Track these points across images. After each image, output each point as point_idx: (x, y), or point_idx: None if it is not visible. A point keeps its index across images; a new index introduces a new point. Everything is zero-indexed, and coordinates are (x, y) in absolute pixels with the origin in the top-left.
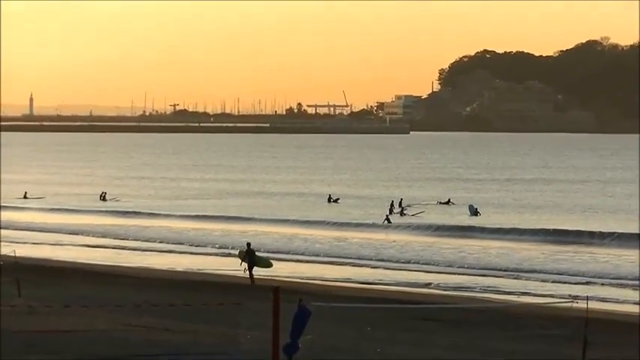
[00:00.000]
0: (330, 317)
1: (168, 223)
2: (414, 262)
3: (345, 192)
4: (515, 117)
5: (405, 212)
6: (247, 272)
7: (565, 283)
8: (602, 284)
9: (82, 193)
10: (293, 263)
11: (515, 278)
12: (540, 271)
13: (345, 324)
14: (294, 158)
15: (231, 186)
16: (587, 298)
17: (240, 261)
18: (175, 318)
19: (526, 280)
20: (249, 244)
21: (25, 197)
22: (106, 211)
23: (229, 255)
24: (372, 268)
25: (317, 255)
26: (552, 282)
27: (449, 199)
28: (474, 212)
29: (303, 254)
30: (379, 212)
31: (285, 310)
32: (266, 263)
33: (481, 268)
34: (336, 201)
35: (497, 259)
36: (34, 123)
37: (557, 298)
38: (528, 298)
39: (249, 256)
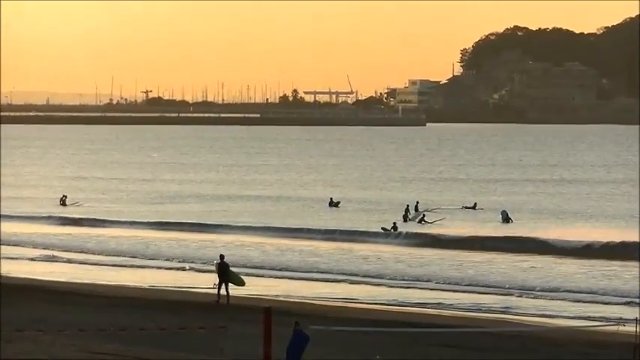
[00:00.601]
0: (331, 343)
1: (139, 232)
2: (426, 279)
3: (349, 195)
4: (551, 105)
5: (424, 219)
6: (216, 287)
7: (603, 303)
8: None
9: (37, 197)
10: (285, 280)
11: (548, 299)
12: (574, 290)
13: (350, 351)
14: (289, 155)
15: (214, 188)
16: (638, 321)
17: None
18: (148, 344)
19: (561, 300)
20: (222, 257)
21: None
22: (66, 218)
23: (210, 271)
24: (376, 285)
25: (312, 271)
26: (589, 302)
27: (475, 204)
28: (506, 219)
29: (296, 270)
30: (390, 218)
31: (278, 334)
32: (239, 280)
33: (509, 287)
34: (336, 205)
35: (527, 274)
36: None
37: (597, 320)
38: (562, 320)
39: (222, 269)
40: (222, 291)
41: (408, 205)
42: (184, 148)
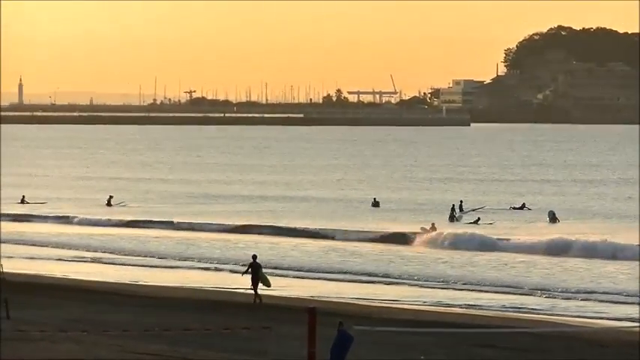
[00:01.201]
0: (375, 344)
1: (184, 233)
2: (467, 280)
3: (392, 195)
4: (595, 105)
5: (479, 221)
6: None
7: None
8: None
9: (84, 198)
10: (328, 281)
11: (589, 300)
12: (615, 292)
13: (394, 352)
14: (333, 155)
15: (260, 188)
16: None
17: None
18: (192, 345)
19: (602, 302)
20: (254, 257)
21: (22, 202)
22: (112, 219)
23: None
24: (420, 287)
25: (354, 272)
26: (631, 304)
27: (523, 204)
28: (553, 218)
29: (336, 272)
30: (433, 219)
31: (322, 335)
32: (267, 281)
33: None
34: (377, 204)
35: (568, 275)
36: (23, 113)
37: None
38: (606, 321)
39: (255, 270)
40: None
41: (453, 205)
42: (228, 148)
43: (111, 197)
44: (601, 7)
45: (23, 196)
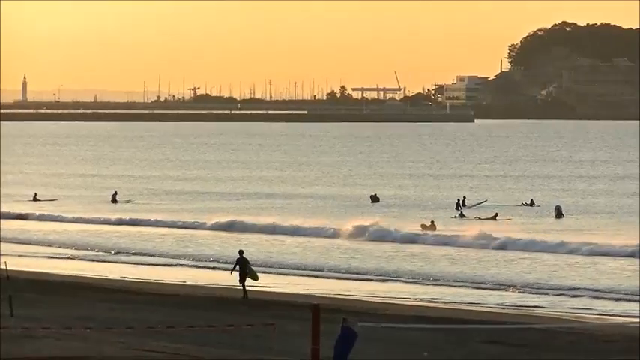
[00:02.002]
0: (379, 340)
1: (191, 231)
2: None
3: (395, 191)
4: (599, 101)
5: (497, 217)
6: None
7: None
8: None
9: (90, 195)
10: (330, 279)
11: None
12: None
13: (398, 348)
14: (338, 152)
15: (265, 186)
16: None
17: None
18: (197, 342)
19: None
20: (241, 252)
21: (35, 199)
22: (117, 216)
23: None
24: (423, 284)
25: (356, 269)
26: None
27: (532, 200)
28: (559, 214)
29: (338, 270)
30: (438, 215)
31: (326, 331)
32: (255, 275)
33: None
34: (377, 200)
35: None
36: (28, 110)
37: None
38: (612, 317)
39: (242, 265)
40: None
41: (458, 200)
42: (234, 145)
43: (115, 194)
44: (605, 3)
45: (35, 194)
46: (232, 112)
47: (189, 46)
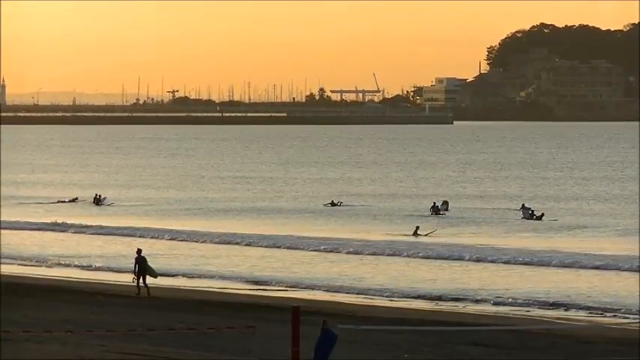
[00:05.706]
0: (359, 342)
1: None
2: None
3: (373, 193)
4: (578, 103)
5: (543, 217)
6: (135, 281)
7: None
8: None
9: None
10: (312, 281)
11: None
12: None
13: (378, 350)
14: (316, 155)
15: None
16: None
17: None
18: (176, 345)
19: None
20: (139, 251)
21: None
22: (100, 218)
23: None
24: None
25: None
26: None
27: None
28: (530, 215)
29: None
30: (414, 221)
31: (306, 334)
32: (153, 272)
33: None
34: (335, 205)
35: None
36: (6, 114)
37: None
38: (592, 318)
39: (140, 263)
40: (140, 283)
41: (434, 203)
42: (218, 148)
43: (98, 195)
44: (584, 4)
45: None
46: (212, 114)
47: (168, 48)
